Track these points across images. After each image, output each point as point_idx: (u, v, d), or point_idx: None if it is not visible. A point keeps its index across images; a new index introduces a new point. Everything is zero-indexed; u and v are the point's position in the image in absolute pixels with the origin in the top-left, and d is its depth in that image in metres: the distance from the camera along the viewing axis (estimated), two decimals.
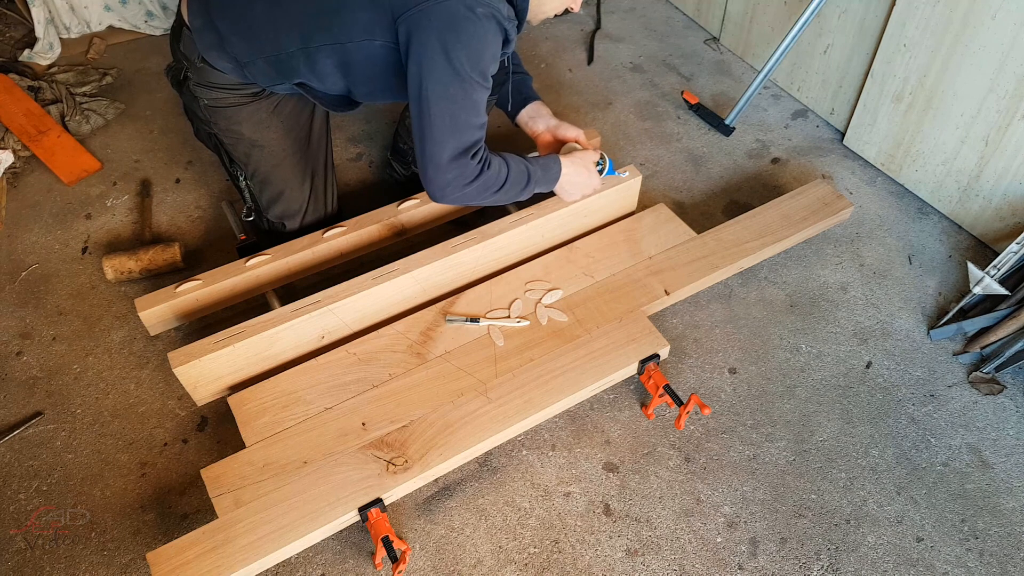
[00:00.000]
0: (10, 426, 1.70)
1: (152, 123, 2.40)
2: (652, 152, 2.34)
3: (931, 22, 1.89)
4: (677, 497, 1.59)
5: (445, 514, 1.57)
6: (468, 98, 1.39)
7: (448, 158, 1.43)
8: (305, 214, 1.82)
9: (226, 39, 1.49)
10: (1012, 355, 1.72)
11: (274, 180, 1.75)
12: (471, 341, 1.68)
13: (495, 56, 1.41)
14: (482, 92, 1.42)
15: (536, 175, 1.61)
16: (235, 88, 1.59)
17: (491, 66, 1.40)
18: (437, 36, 1.32)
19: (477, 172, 1.47)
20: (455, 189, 1.47)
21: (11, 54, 2.59)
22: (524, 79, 1.86)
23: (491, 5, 1.34)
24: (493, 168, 1.51)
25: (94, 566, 1.49)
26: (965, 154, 1.97)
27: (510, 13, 1.41)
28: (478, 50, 1.35)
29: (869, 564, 1.50)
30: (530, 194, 1.65)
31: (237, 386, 1.66)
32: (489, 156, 1.51)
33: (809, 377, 1.79)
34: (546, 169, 1.66)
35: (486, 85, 1.42)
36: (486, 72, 1.40)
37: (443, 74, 1.35)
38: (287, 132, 1.70)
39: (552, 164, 1.67)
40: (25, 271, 2.01)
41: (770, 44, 2.48)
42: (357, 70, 1.49)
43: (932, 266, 2.01)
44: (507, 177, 1.54)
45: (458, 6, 1.31)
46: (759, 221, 1.93)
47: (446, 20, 1.31)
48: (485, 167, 1.49)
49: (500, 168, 1.52)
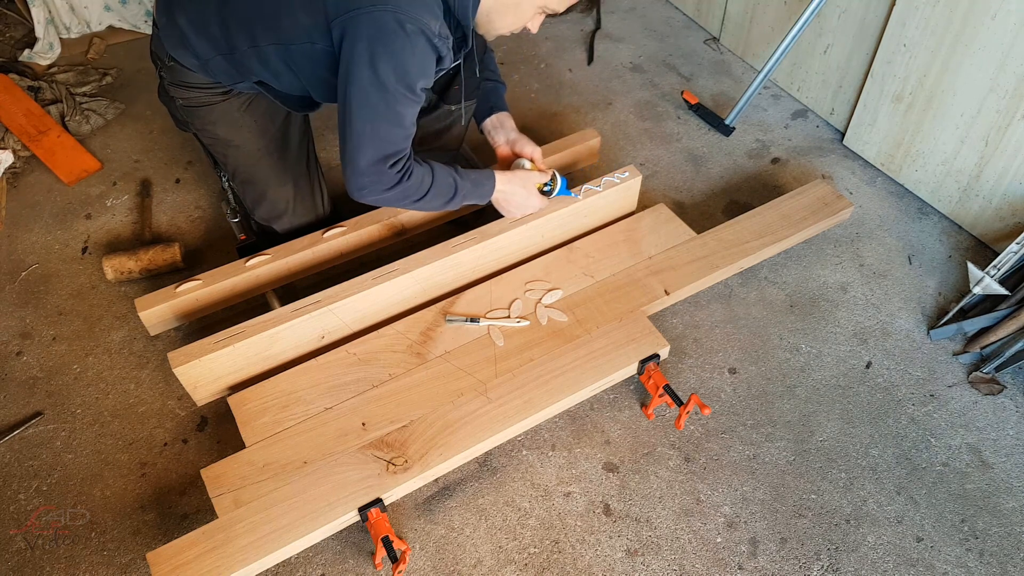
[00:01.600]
0: (10, 426, 1.70)
1: (152, 123, 2.40)
2: (652, 152, 2.34)
3: (931, 22, 1.89)
4: (677, 497, 1.59)
5: (445, 514, 1.57)
6: (391, 109, 1.38)
7: (365, 164, 1.43)
8: (292, 215, 1.80)
9: (187, 36, 1.50)
10: (1012, 355, 1.72)
11: (254, 180, 1.74)
12: (471, 341, 1.68)
13: (423, 72, 1.39)
14: (408, 104, 1.41)
15: (464, 189, 1.60)
16: (205, 87, 1.59)
17: (419, 81, 1.39)
18: (365, 45, 1.32)
19: (396, 181, 1.46)
20: (372, 193, 1.48)
21: (11, 54, 2.59)
22: (496, 87, 1.85)
23: (420, 21, 1.32)
24: (414, 178, 1.49)
25: (94, 566, 1.49)
26: (965, 154, 1.97)
27: (443, 31, 1.38)
28: (404, 64, 1.34)
29: (869, 564, 1.50)
30: (459, 205, 1.64)
31: (237, 386, 1.66)
32: (412, 166, 1.49)
33: (809, 377, 1.79)
34: (477, 185, 1.64)
35: (413, 98, 1.41)
36: (413, 86, 1.38)
37: (367, 83, 1.35)
38: (261, 132, 1.68)
39: (485, 180, 1.65)
40: (25, 271, 2.01)
41: (770, 44, 2.49)
42: (305, 71, 1.49)
43: (932, 266, 2.01)
44: (430, 188, 1.53)
45: (387, 18, 1.30)
46: (759, 221, 1.93)
47: (375, 30, 1.31)
48: (405, 177, 1.47)
49: (423, 179, 1.51)
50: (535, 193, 1.75)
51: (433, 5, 1.35)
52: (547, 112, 2.47)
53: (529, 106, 2.49)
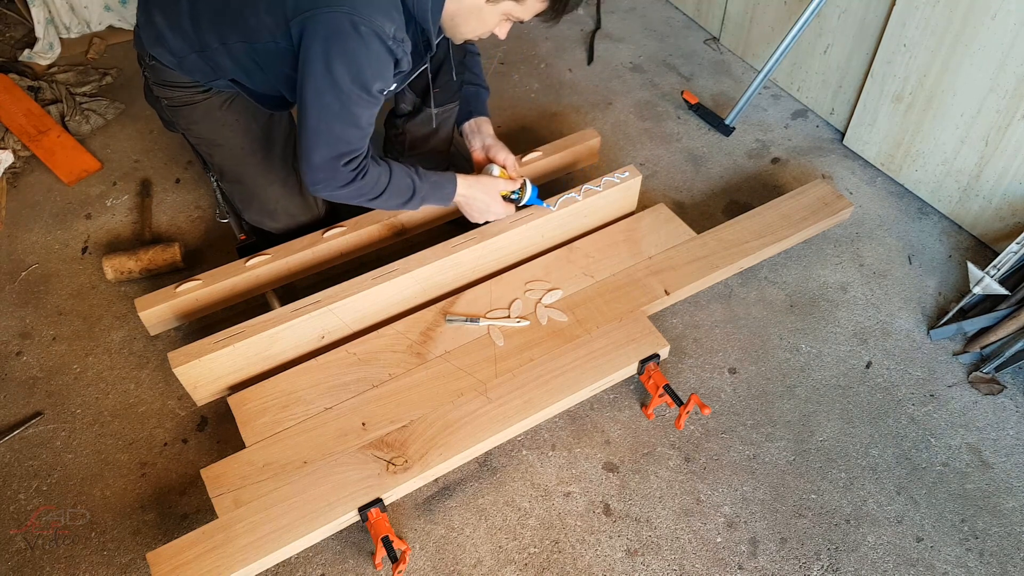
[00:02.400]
0: (10, 426, 1.70)
1: (152, 123, 2.40)
2: (652, 152, 2.34)
3: (931, 22, 1.89)
4: (677, 497, 1.59)
5: (445, 514, 1.57)
6: (345, 109, 1.39)
7: (319, 161, 1.43)
8: (284, 215, 1.80)
9: (163, 33, 1.51)
10: (1012, 355, 1.72)
11: (241, 180, 1.74)
12: (471, 341, 1.68)
13: (379, 74, 1.39)
14: (363, 105, 1.41)
15: (422, 190, 1.60)
16: (186, 86, 1.60)
17: (375, 83, 1.39)
18: (320, 45, 1.33)
19: (350, 179, 1.47)
20: (326, 189, 1.49)
21: (11, 54, 2.59)
22: (478, 92, 1.85)
23: (374, 23, 1.32)
24: (369, 177, 1.50)
25: (94, 566, 1.49)
26: (965, 154, 1.97)
27: (399, 34, 1.37)
28: (358, 65, 1.35)
29: (869, 564, 1.50)
30: (419, 206, 1.64)
31: (237, 386, 1.66)
32: (367, 165, 1.49)
33: (809, 377, 1.79)
34: (437, 187, 1.64)
35: (368, 99, 1.41)
36: (368, 87, 1.38)
37: (321, 83, 1.36)
38: (244, 130, 1.68)
39: (446, 183, 1.65)
40: (25, 271, 2.01)
41: (770, 44, 2.48)
42: (273, 69, 1.49)
43: (932, 266, 2.01)
44: (385, 188, 1.53)
45: (342, 20, 1.30)
46: (759, 221, 1.93)
47: (330, 31, 1.32)
48: (360, 176, 1.48)
49: (379, 178, 1.52)
50: (498, 200, 1.74)
51: (390, 8, 1.35)
52: (547, 112, 2.47)
53: (529, 106, 2.49)
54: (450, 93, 1.82)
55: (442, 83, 1.79)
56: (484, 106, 1.86)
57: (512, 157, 1.80)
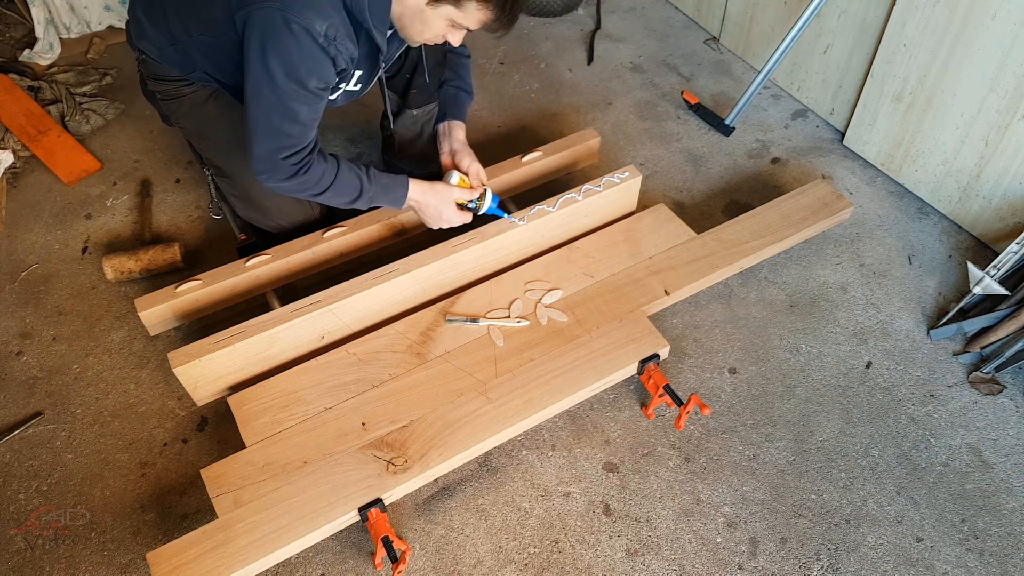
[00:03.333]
0: (10, 426, 1.70)
1: (152, 123, 2.40)
2: (652, 152, 2.34)
3: (931, 22, 1.89)
4: (677, 497, 1.59)
5: (445, 514, 1.57)
6: (282, 104, 1.40)
7: (260, 153, 1.45)
8: (275, 213, 1.79)
9: (144, 26, 1.54)
10: (1012, 355, 1.72)
11: (232, 176, 1.75)
12: (471, 341, 1.68)
13: (314, 71, 1.39)
14: (301, 100, 1.41)
15: (370, 191, 1.60)
16: (172, 79, 1.62)
17: (310, 79, 1.39)
18: (257, 39, 1.35)
19: (291, 173, 1.48)
20: (269, 180, 1.50)
21: (11, 54, 2.59)
22: (457, 95, 1.84)
23: (305, 20, 1.32)
24: (311, 174, 1.50)
25: (94, 566, 1.49)
26: (965, 154, 1.97)
27: (331, 32, 1.37)
28: (293, 62, 1.36)
29: (869, 564, 1.50)
30: (368, 207, 1.64)
31: (237, 386, 1.66)
32: (310, 161, 1.49)
33: (809, 377, 1.79)
34: (387, 190, 1.63)
35: (306, 95, 1.41)
36: (304, 83, 1.39)
37: (258, 77, 1.38)
38: (229, 124, 1.68)
39: (396, 187, 1.64)
40: (25, 271, 2.01)
41: (770, 44, 2.48)
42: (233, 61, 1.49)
43: (932, 266, 2.01)
44: (330, 186, 1.54)
45: (275, 16, 1.32)
46: (759, 221, 1.93)
47: (265, 25, 1.33)
48: (301, 171, 1.48)
49: (322, 176, 1.52)
50: (451, 207, 1.71)
51: (325, 5, 1.35)
52: (547, 112, 2.47)
53: (529, 106, 2.49)
54: (427, 94, 1.83)
55: (418, 84, 1.80)
56: (461, 110, 1.84)
57: (477, 166, 1.77)
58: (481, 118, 2.44)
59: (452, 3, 1.37)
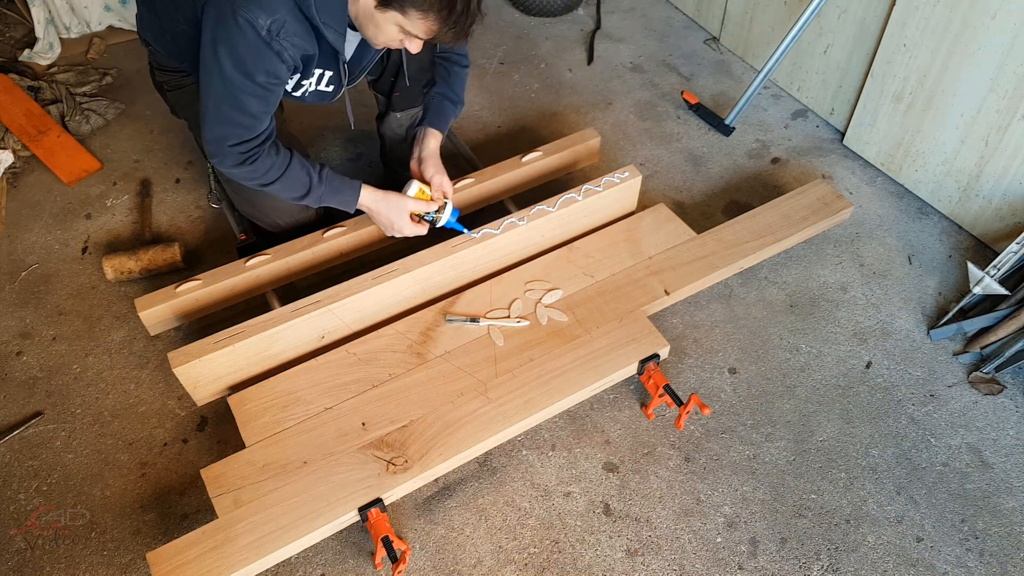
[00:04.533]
0: (10, 426, 1.70)
1: (152, 123, 2.40)
2: (652, 152, 2.34)
3: (931, 22, 1.89)
4: (677, 497, 1.59)
5: (445, 514, 1.57)
6: (229, 94, 1.42)
7: (209, 138, 1.48)
8: (270, 210, 1.79)
9: (145, 17, 1.59)
10: (1012, 355, 1.72)
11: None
12: (471, 341, 1.68)
13: (261, 65, 1.39)
14: (248, 92, 1.42)
15: (319, 191, 1.60)
16: (173, 70, 1.65)
17: (257, 73, 1.40)
18: (210, 29, 1.38)
19: (238, 161, 1.49)
20: (221, 165, 1.52)
21: (11, 54, 2.59)
22: (441, 103, 1.81)
23: (250, 14, 1.33)
24: (259, 165, 1.51)
25: (94, 566, 1.49)
26: (965, 154, 1.97)
27: (276, 27, 1.36)
28: (238, 54, 1.37)
29: (869, 564, 1.50)
30: (318, 205, 1.64)
31: (237, 386, 1.66)
32: (259, 153, 1.50)
33: (809, 377, 1.79)
34: (337, 192, 1.63)
35: (254, 87, 1.41)
36: (251, 75, 1.40)
37: (210, 65, 1.41)
38: None
39: (347, 191, 1.64)
40: (25, 271, 2.01)
41: (770, 44, 2.48)
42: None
43: (932, 266, 2.01)
44: (278, 179, 1.55)
45: (225, 7, 1.34)
46: (759, 221, 1.93)
47: (217, 16, 1.36)
48: (249, 161, 1.49)
49: (270, 168, 1.52)
50: (404, 218, 1.68)
51: (276, 2, 1.36)
52: (547, 112, 2.47)
53: (529, 106, 2.49)
54: (411, 98, 1.82)
55: (400, 87, 1.79)
56: (441, 119, 1.81)
57: (440, 178, 1.74)
58: (481, 118, 2.44)
59: (398, 9, 1.35)
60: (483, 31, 2.79)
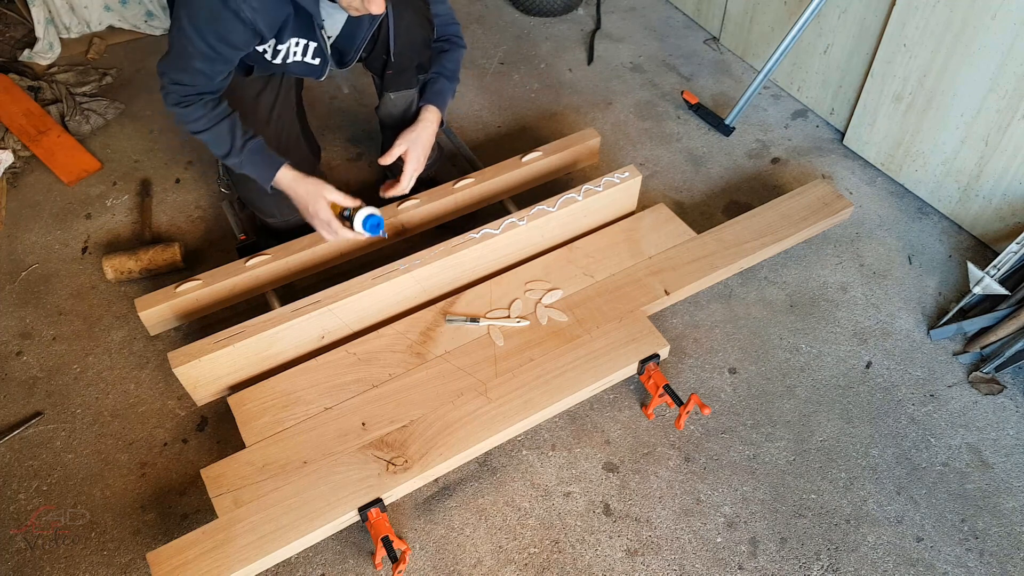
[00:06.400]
0: (10, 426, 1.70)
1: (152, 123, 2.40)
2: (652, 152, 2.34)
3: (931, 22, 1.89)
4: (677, 497, 1.59)
5: (445, 514, 1.57)
6: (182, 46, 1.45)
7: (160, 69, 1.52)
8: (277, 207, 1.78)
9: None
10: (1012, 355, 1.72)
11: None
12: (471, 341, 1.68)
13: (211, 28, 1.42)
14: (198, 54, 1.45)
15: (239, 156, 1.59)
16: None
17: (208, 35, 1.42)
18: None
19: (174, 103, 1.53)
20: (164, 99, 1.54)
21: (11, 54, 2.59)
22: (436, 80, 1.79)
23: None
24: (191, 112, 1.53)
25: (94, 566, 1.49)
26: (965, 154, 1.97)
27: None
28: (194, 9, 1.41)
29: (869, 564, 1.50)
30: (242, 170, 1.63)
31: (237, 386, 1.66)
32: (194, 101, 1.53)
33: (809, 377, 1.79)
34: (255, 164, 1.62)
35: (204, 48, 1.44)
36: (203, 35, 1.42)
37: (177, 15, 1.44)
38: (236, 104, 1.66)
39: (266, 166, 1.62)
40: (25, 271, 2.01)
41: (770, 44, 2.48)
42: None
43: (932, 266, 2.01)
44: (204, 131, 1.56)
45: None
46: (759, 221, 1.93)
47: None
48: (183, 104, 1.52)
49: (200, 118, 1.54)
50: (323, 207, 1.62)
51: None
52: (547, 112, 2.47)
53: (529, 106, 2.49)
54: (403, 79, 1.78)
55: (392, 66, 1.76)
56: (436, 95, 1.78)
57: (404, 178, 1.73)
58: (481, 118, 2.44)
59: None
60: (483, 31, 2.79)
